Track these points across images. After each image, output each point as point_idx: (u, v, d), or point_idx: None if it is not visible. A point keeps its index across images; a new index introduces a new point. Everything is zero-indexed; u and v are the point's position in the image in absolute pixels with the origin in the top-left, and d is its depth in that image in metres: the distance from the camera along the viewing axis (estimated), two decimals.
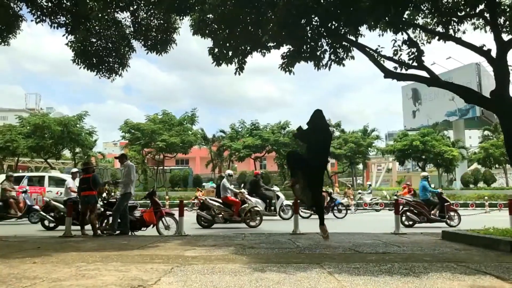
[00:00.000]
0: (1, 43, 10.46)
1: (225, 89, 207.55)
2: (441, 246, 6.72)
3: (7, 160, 35.99)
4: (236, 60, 9.81)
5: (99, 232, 9.20)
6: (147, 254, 5.75)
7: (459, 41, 8.74)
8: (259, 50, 9.72)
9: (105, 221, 9.78)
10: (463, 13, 9.01)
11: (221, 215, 11.78)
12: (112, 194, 10.57)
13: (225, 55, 9.69)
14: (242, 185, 22.18)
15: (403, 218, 12.38)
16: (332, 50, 9.30)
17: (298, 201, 10.51)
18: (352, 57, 9.46)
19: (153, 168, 37.00)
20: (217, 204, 11.86)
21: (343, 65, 9.41)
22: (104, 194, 10.26)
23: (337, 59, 9.32)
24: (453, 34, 9.26)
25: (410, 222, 12.40)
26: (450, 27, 9.24)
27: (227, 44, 9.53)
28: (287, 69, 9.56)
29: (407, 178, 56.73)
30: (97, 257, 5.45)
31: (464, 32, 9.74)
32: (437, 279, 3.97)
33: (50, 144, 29.33)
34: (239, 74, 9.93)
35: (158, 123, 32.35)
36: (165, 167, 35.98)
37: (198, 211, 12.14)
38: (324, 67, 9.39)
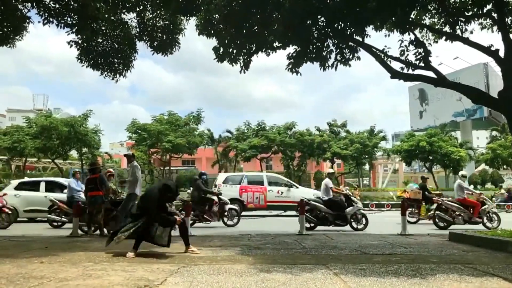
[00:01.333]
0: (8, 45, 10.53)
1: (231, 90, 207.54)
2: (448, 248, 6.68)
3: (14, 160, 36.30)
4: (241, 60, 9.82)
5: (105, 232, 9.24)
6: (154, 254, 5.77)
7: (467, 41, 8.68)
8: (264, 50, 9.72)
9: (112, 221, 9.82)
10: (470, 13, 8.96)
11: (460, 216, 11.57)
12: (119, 194, 10.61)
13: (230, 54, 9.71)
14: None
15: None
16: (338, 50, 9.27)
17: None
18: (358, 58, 9.43)
19: (159, 168, 37.12)
20: (456, 205, 11.68)
21: (349, 65, 9.37)
22: (111, 195, 10.31)
23: (343, 60, 9.29)
24: (460, 34, 9.21)
25: None
26: (457, 27, 9.19)
27: (232, 44, 9.55)
28: (293, 70, 9.54)
29: (414, 179, 56.48)
30: (104, 257, 5.48)
31: (471, 32, 9.68)
32: (444, 280, 3.95)
33: (57, 144, 29.52)
34: (244, 72, 9.94)
35: (165, 124, 32.45)
36: (171, 168, 36.09)
37: (438, 212, 11.93)
38: (330, 67, 9.36)
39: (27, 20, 10.41)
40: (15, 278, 4.06)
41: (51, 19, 9.90)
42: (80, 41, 10.63)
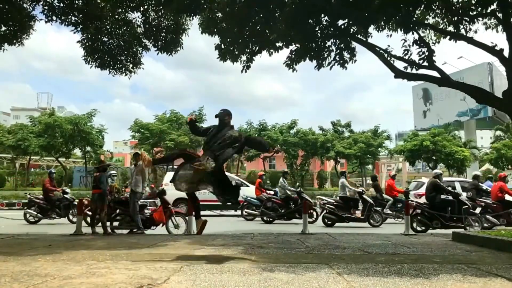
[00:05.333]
0: (15, 44, 10.56)
1: (233, 88, 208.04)
2: (452, 248, 6.67)
3: (19, 158, 36.45)
4: (244, 59, 9.83)
5: (109, 230, 9.28)
6: (157, 253, 5.79)
7: (471, 41, 8.65)
8: (267, 49, 9.73)
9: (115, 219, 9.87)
10: (474, 12, 8.92)
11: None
12: (122, 193, 10.66)
13: (232, 52, 9.71)
14: None
15: None
16: (338, 51, 9.27)
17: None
18: (355, 61, 9.46)
19: (162, 167, 37.20)
20: None
21: (346, 68, 9.37)
22: (114, 193, 10.37)
23: (341, 61, 9.30)
24: (464, 34, 9.18)
25: None
26: (462, 26, 9.16)
27: (235, 43, 9.55)
28: (291, 66, 9.55)
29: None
30: (107, 256, 5.49)
31: (476, 32, 9.66)
32: (447, 280, 3.94)
33: (61, 143, 29.63)
34: (245, 71, 9.96)
35: (166, 122, 32.55)
36: (174, 166, 36.13)
37: None
38: (325, 66, 9.38)
39: (33, 19, 10.45)
40: (19, 275, 4.08)
41: (55, 18, 9.94)
42: (85, 40, 10.64)
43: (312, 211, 13.31)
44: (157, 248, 6.44)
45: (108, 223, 9.41)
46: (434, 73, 8.89)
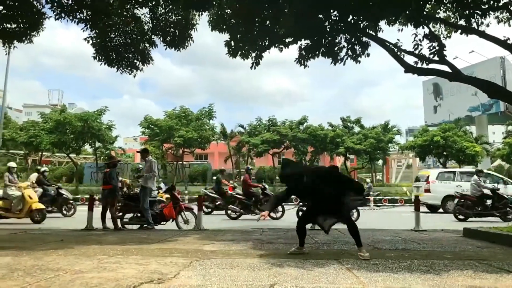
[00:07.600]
0: (24, 41, 10.66)
1: (242, 84, 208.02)
2: (463, 244, 6.61)
3: (31, 155, 36.92)
4: (253, 55, 9.81)
5: (119, 225, 9.36)
6: (167, 248, 5.83)
7: (483, 35, 8.53)
8: (277, 45, 9.70)
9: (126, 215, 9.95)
10: (486, 6, 8.79)
11: None
12: (132, 188, 10.74)
13: (242, 48, 9.70)
14: None
15: None
16: (349, 46, 9.21)
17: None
18: (368, 55, 9.38)
19: (172, 163, 37.40)
20: None
21: (359, 62, 9.32)
22: (125, 189, 10.46)
23: (353, 56, 9.23)
24: (476, 28, 9.05)
25: None
26: (473, 20, 9.03)
27: (245, 40, 9.54)
28: (302, 63, 9.51)
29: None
30: (118, 250, 5.55)
31: (488, 26, 9.51)
32: (458, 276, 3.91)
33: (71, 139, 29.93)
34: (255, 68, 9.95)
35: (174, 119, 32.66)
36: (184, 162, 36.31)
37: None
38: (339, 62, 9.32)
39: (43, 16, 10.52)
40: (32, 270, 4.14)
41: (63, 15, 9.99)
42: (94, 38, 10.69)
43: (509, 209, 13.09)
44: (167, 243, 6.48)
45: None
46: (445, 68, 8.80)
